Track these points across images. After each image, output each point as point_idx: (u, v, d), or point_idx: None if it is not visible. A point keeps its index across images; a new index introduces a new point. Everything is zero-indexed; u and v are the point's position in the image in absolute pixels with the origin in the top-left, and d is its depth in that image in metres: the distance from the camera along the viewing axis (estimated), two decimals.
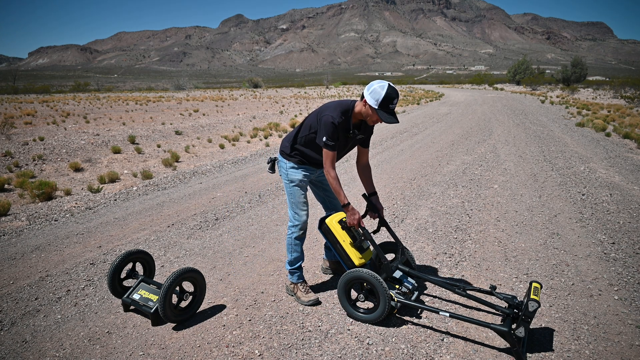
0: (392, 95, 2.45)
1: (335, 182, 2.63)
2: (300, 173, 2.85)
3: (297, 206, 2.86)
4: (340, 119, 2.59)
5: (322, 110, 2.67)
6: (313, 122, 2.72)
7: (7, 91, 51.99)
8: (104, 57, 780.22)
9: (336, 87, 60.82)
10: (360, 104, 2.59)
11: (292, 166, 2.85)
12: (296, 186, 2.85)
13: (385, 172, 6.95)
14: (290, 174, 2.86)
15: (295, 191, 2.85)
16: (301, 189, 2.87)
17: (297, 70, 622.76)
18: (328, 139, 2.57)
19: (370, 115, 2.55)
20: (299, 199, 2.86)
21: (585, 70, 61.54)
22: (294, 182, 2.85)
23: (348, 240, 2.70)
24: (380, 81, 2.52)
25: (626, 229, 4.18)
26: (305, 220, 2.87)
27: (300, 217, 2.86)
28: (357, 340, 2.46)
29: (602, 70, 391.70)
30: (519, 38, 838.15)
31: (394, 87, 2.47)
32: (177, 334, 2.54)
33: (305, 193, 2.90)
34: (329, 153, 2.62)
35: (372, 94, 2.47)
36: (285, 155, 2.87)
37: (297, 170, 2.85)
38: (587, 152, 8.50)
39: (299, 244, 2.90)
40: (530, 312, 2.16)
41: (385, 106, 2.46)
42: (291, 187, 2.86)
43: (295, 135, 2.83)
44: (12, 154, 8.71)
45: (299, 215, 2.86)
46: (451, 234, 4.12)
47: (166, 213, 4.97)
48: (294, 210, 2.87)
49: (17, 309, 2.86)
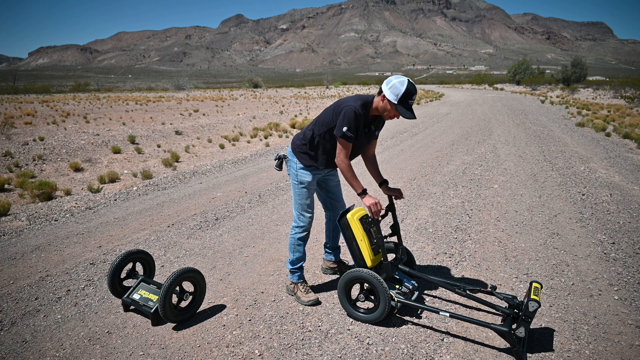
0: (412, 91, 2.44)
1: (350, 172, 2.59)
2: (309, 175, 2.80)
3: (303, 208, 2.83)
4: (361, 110, 2.56)
5: (341, 104, 2.62)
6: (328, 118, 2.66)
7: (7, 91, 51.98)
8: (104, 57, 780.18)
9: (336, 87, 60.82)
10: (379, 99, 2.56)
11: (302, 167, 2.80)
12: (305, 188, 2.81)
13: (386, 172, 6.95)
14: (300, 175, 2.81)
15: (303, 193, 2.81)
16: (309, 191, 2.83)
17: (297, 70, 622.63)
18: (348, 130, 2.51)
19: (389, 111, 2.53)
20: (305, 200, 2.82)
21: (585, 70, 61.56)
22: (303, 184, 2.81)
23: (366, 239, 2.67)
24: (399, 76, 2.51)
25: (626, 229, 4.18)
26: (310, 222, 2.85)
27: (305, 219, 2.84)
28: (357, 340, 2.46)
29: (602, 70, 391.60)
30: (519, 38, 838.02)
31: (413, 83, 2.47)
32: (177, 334, 2.54)
33: (312, 195, 2.87)
34: (346, 144, 2.56)
35: (392, 89, 2.46)
36: (297, 154, 2.81)
37: (307, 171, 2.80)
38: (587, 152, 8.50)
39: (301, 244, 2.88)
40: (531, 312, 2.15)
41: (405, 102, 2.45)
42: (299, 188, 2.82)
43: (311, 134, 2.75)
44: (12, 154, 8.71)
45: (304, 216, 2.84)
46: (451, 234, 4.12)
47: (166, 213, 4.97)
48: (299, 212, 2.84)
49: (17, 309, 2.86)
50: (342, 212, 2.76)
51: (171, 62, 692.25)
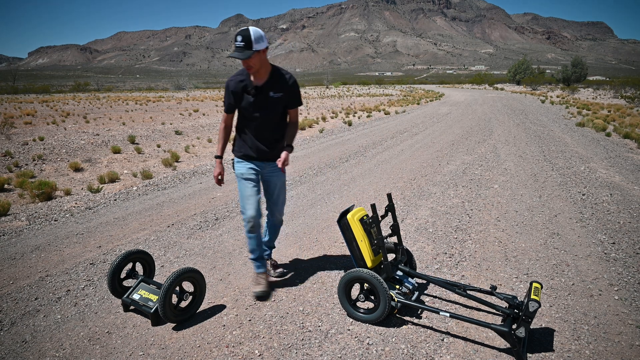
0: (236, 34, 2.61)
1: (219, 133, 2.97)
2: (242, 167, 2.90)
3: (242, 200, 2.89)
4: (235, 77, 2.84)
5: None
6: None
7: (7, 91, 51.99)
8: (103, 57, 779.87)
9: (336, 87, 60.79)
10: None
11: (237, 159, 2.94)
12: (242, 179, 2.89)
13: (385, 172, 6.94)
14: (236, 168, 2.94)
15: (240, 185, 2.90)
16: (247, 181, 2.88)
17: (297, 70, 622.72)
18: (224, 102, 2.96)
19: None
20: (244, 192, 2.88)
21: (586, 70, 61.58)
22: (239, 176, 2.92)
23: (366, 240, 2.67)
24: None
25: (626, 229, 4.18)
26: (252, 215, 2.84)
27: (246, 212, 2.86)
28: (357, 340, 2.45)
29: (602, 70, 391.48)
30: (519, 38, 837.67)
31: (242, 29, 2.59)
32: (177, 334, 2.54)
33: (251, 187, 2.88)
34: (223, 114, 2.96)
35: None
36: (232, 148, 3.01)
37: (241, 163, 2.92)
38: (588, 152, 8.50)
39: (252, 237, 2.91)
40: (531, 312, 2.15)
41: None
42: (238, 180, 2.93)
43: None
44: (12, 154, 8.71)
45: (244, 209, 2.88)
46: (451, 234, 4.12)
47: (166, 213, 4.96)
48: (242, 204, 2.90)
49: (17, 309, 2.86)
50: (342, 213, 2.76)
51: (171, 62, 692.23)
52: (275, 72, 2.78)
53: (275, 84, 2.76)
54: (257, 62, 2.62)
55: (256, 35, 2.55)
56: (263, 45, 2.60)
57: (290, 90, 2.80)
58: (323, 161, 7.98)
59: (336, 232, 4.12)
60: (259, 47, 2.57)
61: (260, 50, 2.58)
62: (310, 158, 8.38)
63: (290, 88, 2.80)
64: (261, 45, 2.58)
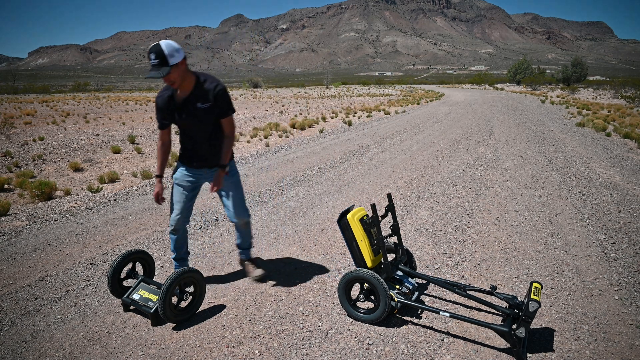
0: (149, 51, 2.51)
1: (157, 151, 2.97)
2: (179, 172, 2.96)
3: (171, 203, 2.98)
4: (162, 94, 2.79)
5: None
6: None
7: (7, 91, 52.00)
8: (103, 57, 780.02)
9: (336, 87, 60.82)
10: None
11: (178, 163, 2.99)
12: (175, 184, 2.96)
13: (385, 172, 6.94)
14: (175, 172, 2.99)
15: (173, 189, 2.96)
16: (178, 187, 2.94)
17: (297, 70, 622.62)
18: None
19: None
20: (173, 197, 2.96)
21: (586, 70, 61.58)
22: (174, 180, 2.98)
23: (366, 240, 2.67)
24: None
25: (626, 229, 4.18)
26: (175, 219, 2.94)
27: (171, 215, 2.97)
28: (357, 340, 2.45)
29: (602, 70, 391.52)
30: (519, 38, 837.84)
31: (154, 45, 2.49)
32: (177, 334, 2.54)
33: (181, 192, 2.94)
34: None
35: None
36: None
37: (178, 169, 2.97)
38: (588, 152, 8.50)
39: (172, 238, 3.02)
40: (531, 312, 2.15)
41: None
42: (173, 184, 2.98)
43: None
44: (12, 154, 8.71)
45: (171, 212, 2.97)
46: (451, 234, 4.12)
47: (166, 213, 4.96)
48: (170, 207, 2.99)
49: (16, 309, 2.86)
50: (342, 213, 2.76)
51: None
52: (199, 83, 2.68)
53: (200, 95, 2.67)
54: (178, 77, 2.54)
55: (169, 49, 2.46)
56: (179, 58, 2.50)
57: (217, 99, 2.69)
58: (323, 161, 7.98)
59: (336, 232, 4.12)
60: (175, 60, 2.48)
61: (177, 63, 2.49)
62: (310, 158, 8.38)
63: (217, 97, 2.68)
64: (177, 58, 2.49)
